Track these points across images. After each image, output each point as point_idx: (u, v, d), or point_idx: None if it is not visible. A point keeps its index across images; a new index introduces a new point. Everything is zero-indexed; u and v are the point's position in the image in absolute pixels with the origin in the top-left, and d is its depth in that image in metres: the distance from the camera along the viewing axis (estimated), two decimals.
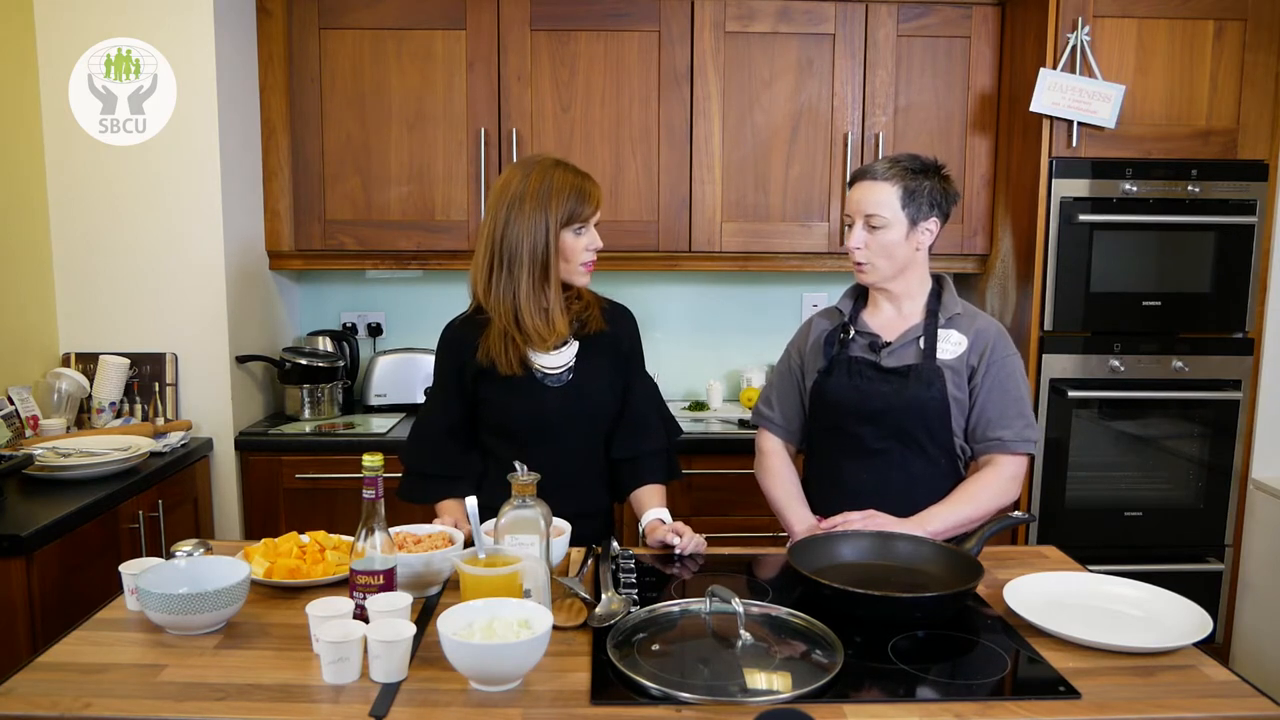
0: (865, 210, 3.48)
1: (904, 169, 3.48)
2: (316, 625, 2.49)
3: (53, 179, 4.93)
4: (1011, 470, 3.49)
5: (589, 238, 3.47)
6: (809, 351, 3.76)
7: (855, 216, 3.52)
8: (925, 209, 3.48)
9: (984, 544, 3.09)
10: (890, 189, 3.46)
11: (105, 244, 4.96)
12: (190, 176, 4.94)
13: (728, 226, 5.53)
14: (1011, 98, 5.38)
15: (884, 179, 3.48)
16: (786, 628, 2.66)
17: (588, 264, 3.50)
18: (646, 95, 5.45)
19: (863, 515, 3.36)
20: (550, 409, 3.51)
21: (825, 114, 5.50)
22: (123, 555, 4.01)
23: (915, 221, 3.48)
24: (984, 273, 5.68)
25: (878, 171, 3.50)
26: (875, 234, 3.48)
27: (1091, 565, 3.38)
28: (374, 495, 2.66)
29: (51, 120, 4.90)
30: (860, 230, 3.50)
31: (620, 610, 2.74)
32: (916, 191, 3.46)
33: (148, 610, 2.64)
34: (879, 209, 3.46)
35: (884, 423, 3.51)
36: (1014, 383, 3.52)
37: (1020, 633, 2.73)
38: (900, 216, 3.46)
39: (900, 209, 3.46)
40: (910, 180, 3.47)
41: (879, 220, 3.46)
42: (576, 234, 3.44)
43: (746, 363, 6.20)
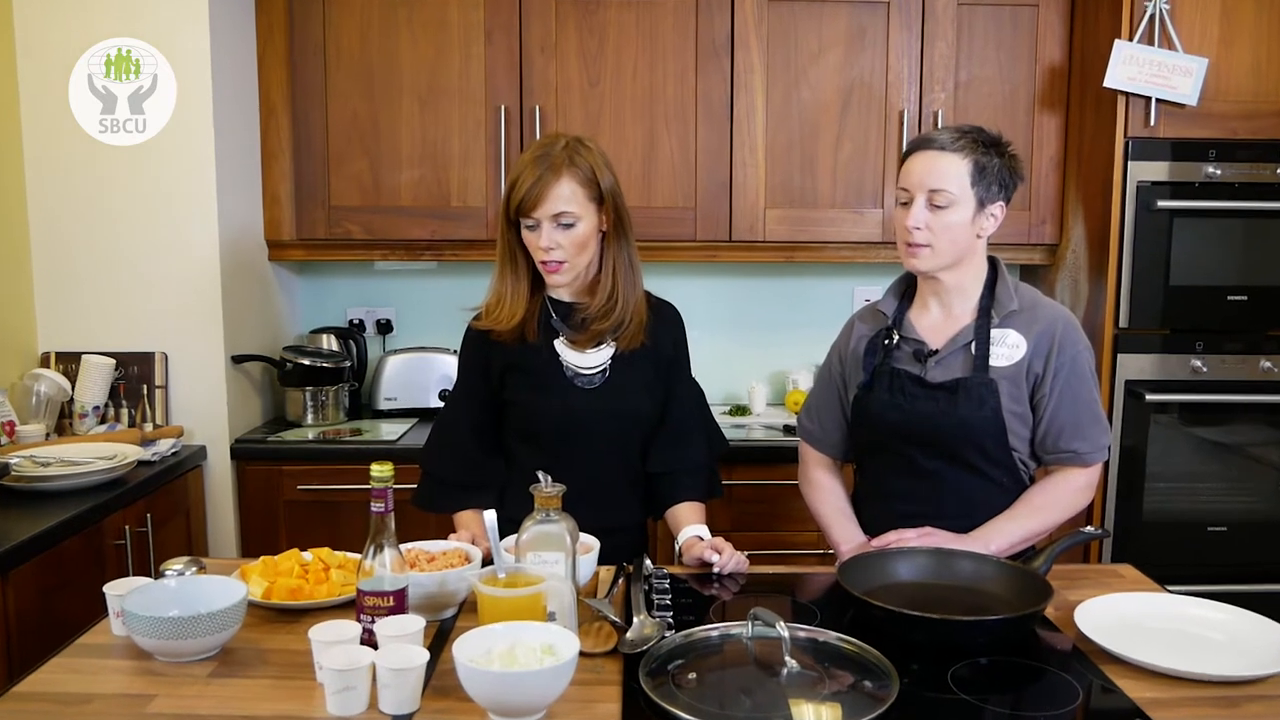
0: (929, 184, 3.34)
1: (974, 141, 3.36)
2: (320, 651, 2.49)
3: (31, 170, 4.95)
4: (1083, 480, 3.46)
5: (540, 236, 3.42)
6: (849, 360, 3.71)
7: (914, 191, 3.38)
8: (994, 189, 3.36)
9: (1053, 562, 3.08)
10: (960, 162, 3.33)
11: (88, 234, 4.98)
12: (180, 159, 4.95)
13: (771, 213, 5.52)
14: (1083, 72, 5.36)
15: (953, 150, 3.34)
16: (836, 654, 2.64)
17: (545, 265, 3.48)
18: (682, 68, 5.44)
19: (919, 532, 3.35)
20: (580, 411, 3.51)
21: (879, 89, 5.48)
22: (107, 574, 3.95)
23: (983, 203, 3.36)
24: (1053, 264, 5.66)
25: (945, 141, 3.36)
26: (938, 213, 3.35)
27: (1171, 585, 3.35)
28: (383, 508, 2.66)
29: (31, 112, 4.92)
30: (921, 208, 3.36)
31: (654, 635, 2.72)
32: (987, 168, 3.34)
33: (134, 635, 2.64)
34: (945, 183, 3.32)
35: (932, 444, 3.46)
36: (1086, 386, 3.43)
37: (1093, 659, 2.70)
38: (969, 195, 3.33)
39: (969, 186, 3.33)
40: (981, 154, 3.34)
41: (945, 197, 3.32)
42: (529, 229, 3.45)
43: (792, 363, 6.19)
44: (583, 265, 3.51)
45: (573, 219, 3.40)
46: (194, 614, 2.62)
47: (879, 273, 6.13)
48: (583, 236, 3.44)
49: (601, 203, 3.47)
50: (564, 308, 3.61)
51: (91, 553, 4.05)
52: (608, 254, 3.55)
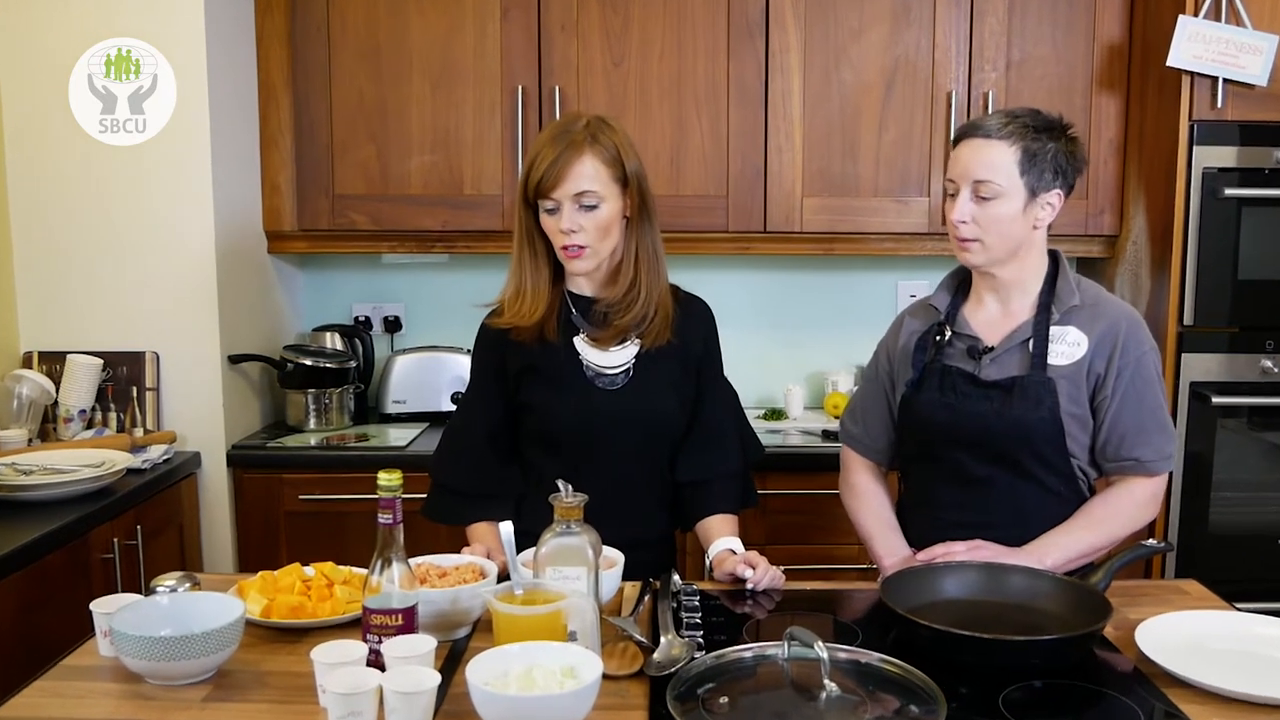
0: (974, 175, 3.34)
1: (1024, 126, 3.34)
2: (323, 674, 2.49)
3: (11, 154, 4.97)
4: (1148, 491, 3.44)
5: (560, 218, 3.41)
6: (898, 357, 3.70)
7: (960, 182, 3.38)
8: (1048, 177, 3.34)
9: (1112, 577, 3.07)
10: (1006, 150, 3.31)
11: (73, 226, 4.99)
12: (173, 145, 4.96)
13: (809, 202, 5.51)
14: (1145, 50, 5.34)
15: (999, 137, 3.33)
16: (879, 677, 2.63)
17: (566, 250, 3.46)
18: (713, 47, 5.43)
19: (968, 545, 3.33)
20: (602, 415, 3.50)
21: (925, 69, 5.47)
22: (94, 591, 3.94)
23: (1035, 192, 3.34)
24: (1112, 257, 5.64)
25: (991, 128, 3.35)
26: (985, 206, 3.34)
27: (1239, 603, 3.32)
28: (391, 520, 2.65)
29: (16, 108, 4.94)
30: (966, 200, 3.36)
31: (682, 656, 2.71)
32: (1039, 155, 3.32)
33: (124, 656, 2.64)
34: (991, 174, 3.32)
35: (984, 447, 3.45)
36: (1151, 389, 3.41)
37: (1155, 682, 2.69)
38: (1018, 185, 3.32)
39: (1018, 175, 3.31)
40: (1031, 140, 3.32)
41: (990, 189, 3.32)
42: (548, 213, 3.44)
43: (831, 364, 6.17)
44: (606, 252, 3.49)
45: (595, 200, 3.39)
46: (187, 634, 2.62)
47: (924, 266, 6.11)
48: (606, 220, 3.43)
49: (626, 185, 3.46)
50: (584, 303, 3.60)
51: (77, 567, 4.06)
52: (630, 241, 3.54)
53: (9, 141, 4.95)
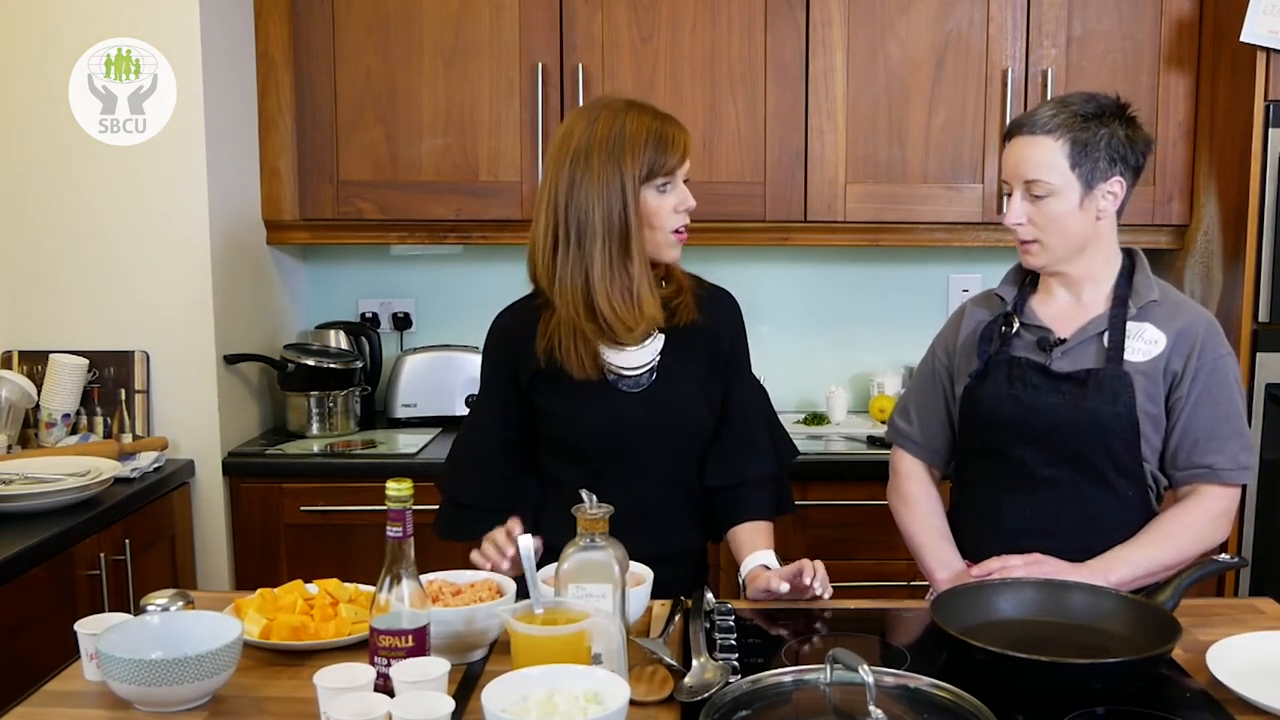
0: (1024, 175, 3.38)
1: (1072, 115, 3.36)
2: (327, 700, 2.50)
3: None
4: (1221, 504, 3.44)
5: (677, 196, 3.43)
6: (960, 350, 3.70)
7: (1013, 182, 3.43)
8: (1104, 165, 3.36)
9: (1182, 595, 3.06)
10: (1053, 145, 3.35)
11: (57, 218, 5.00)
12: (173, 145, 4.97)
13: (853, 190, 5.50)
14: (1217, 25, 5.32)
15: (1044, 132, 3.36)
16: (929, 703, 2.62)
17: (679, 231, 3.46)
18: (749, 21, 5.42)
19: (1026, 559, 3.33)
20: (626, 421, 3.50)
21: (978, 45, 5.45)
22: (79, 610, 3.99)
23: (1091, 184, 3.36)
24: (1182, 248, 5.62)
25: (1037, 123, 3.38)
26: (1039, 205, 3.38)
27: None
28: (401, 533, 2.66)
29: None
30: (1020, 201, 3.40)
31: (716, 680, 2.72)
32: (1090, 144, 3.34)
33: (111, 680, 2.65)
34: (1040, 172, 3.36)
35: (1053, 444, 3.45)
36: (1227, 393, 3.43)
37: (1228, 709, 2.68)
38: (1070, 180, 3.35)
39: (1069, 169, 3.34)
40: (1080, 130, 3.34)
41: (1042, 188, 3.35)
42: (661, 192, 3.41)
43: (877, 364, 6.15)
44: None
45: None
46: (180, 656, 2.62)
47: (978, 258, 6.10)
48: None
49: None
50: None
51: (60, 585, 4.07)
52: None
53: (1, 138, 4.98)
